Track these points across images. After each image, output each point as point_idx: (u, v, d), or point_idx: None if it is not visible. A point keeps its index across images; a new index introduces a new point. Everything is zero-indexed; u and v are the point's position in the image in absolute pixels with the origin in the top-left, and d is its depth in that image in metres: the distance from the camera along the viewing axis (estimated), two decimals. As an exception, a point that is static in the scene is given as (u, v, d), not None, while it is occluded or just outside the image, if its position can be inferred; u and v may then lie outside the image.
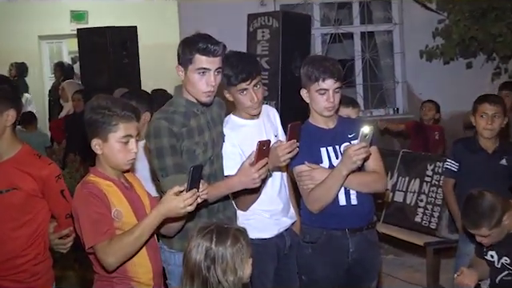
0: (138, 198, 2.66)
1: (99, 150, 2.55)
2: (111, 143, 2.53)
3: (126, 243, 2.45)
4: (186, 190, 2.42)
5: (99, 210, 2.47)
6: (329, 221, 3.11)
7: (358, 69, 7.85)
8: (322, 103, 3.10)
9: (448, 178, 4.14)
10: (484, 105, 3.92)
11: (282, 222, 3.22)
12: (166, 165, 2.82)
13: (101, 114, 2.51)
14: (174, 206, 2.43)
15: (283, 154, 2.87)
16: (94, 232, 2.45)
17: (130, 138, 2.55)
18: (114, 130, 2.52)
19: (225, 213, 3.06)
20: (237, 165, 2.91)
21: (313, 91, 3.11)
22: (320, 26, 7.74)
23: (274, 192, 3.19)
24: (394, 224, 4.98)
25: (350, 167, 2.95)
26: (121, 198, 2.57)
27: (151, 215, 2.48)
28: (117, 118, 2.51)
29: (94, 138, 2.54)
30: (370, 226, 3.23)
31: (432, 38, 7.31)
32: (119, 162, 2.57)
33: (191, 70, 2.87)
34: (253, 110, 3.11)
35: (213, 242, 2.23)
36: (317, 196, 3.08)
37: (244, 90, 3.04)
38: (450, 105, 6.88)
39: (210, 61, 2.84)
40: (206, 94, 2.90)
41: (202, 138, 2.95)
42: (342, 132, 3.19)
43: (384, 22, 7.87)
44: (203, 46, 2.82)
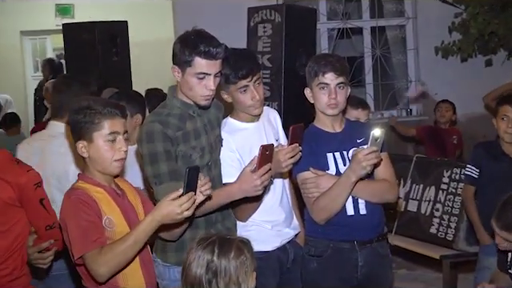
0: (130, 205, 2.67)
1: (85, 152, 2.58)
2: (97, 143, 2.55)
3: (118, 252, 2.46)
4: (183, 193, 2.44)
5: (89, 217, 2.48)
6: (336, 232, 3.12)
7: (367, 67, 7.88)
8: (324, 99, 3.11)
9: (468, 185, 4.15)
10: (505, 107, 3.94)
11: (285, 234, 3.23)
12: (160, 172, 2.84)
13: (82, 113, 2.55)
14: (170, 212, 2.44)
15: (285, 158, 2.88)
16: (84, 241, 2.46)
17: (117, 136, 2.57)
18: (98, 128, 2.54)
19: (224, 223, 3.07)
20: (236, 171, 2.93)
21: (314, 88, 3.13)
22: (326, 20, 7.76)
23: (275, 201, 3.20)
24: (407, 235, 4.99)
25: (358, 173, 2.95)
26: (112, 206, 2.58)
27: (145, 221, 2.49)
28: (99, 116, 2.54)
29: (79, 141, 2.57)
30: (381, 238, 3.23)
31: (448, 34, 7.33)
32: (107, 164, 2.58)
33: (189, 74, 2.87)
34: (254, 109, 3.12)
35: (215, 254, 2.24)
36: (323, 205, 3.08)
37: (245, 88, 3.05)
38: (467, 106, 6.90)
39: (210, 64, 2.85)
40: (204, 98, 2.92)
41: (198, 142, 2.96)
42: (351, 136, 3.20)
43: (396, 15, 7.89)
44: (205, 49, 2.82)
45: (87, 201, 2.50)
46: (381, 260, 3.22)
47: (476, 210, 4.05)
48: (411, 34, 7.80)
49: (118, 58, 7.32)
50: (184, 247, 2.91)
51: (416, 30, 7.74)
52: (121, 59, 7.34)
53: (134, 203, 2.71)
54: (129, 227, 2.59)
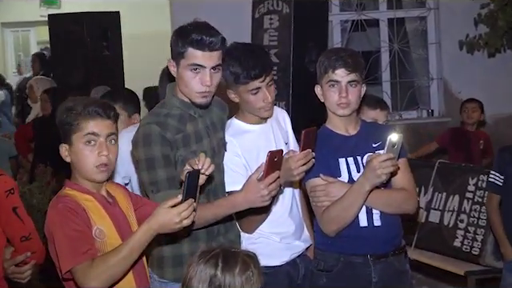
0: (122, 214, 2.67)
1: (67, 157, 2.59)
2: (76, 146, 2.56)
3: (111, 264, 2.46)
4: (182, 200, 2.44)
5: (78, 227, 2.48)
6: (347, 245, 3.12)
7: (384, 63, 7.89)
8: (334, 98, 3.11)
9: (492, 194, 4.16)
10: None
11: (295, 247, 3.24)
12: (158, 179, 2.85)
13: (65, 114, 2.57)
14: (168, 220, 2.44)
15: (296, 166, 2.87)
16: (73, 252, 2.46)
17: (97, 138, 2.56)
18: (77, 129, 2.54)
19: (226, 236, 3.08)
20: (241, 178, 2.94)
21: (324, 85, 3.14)
22: (339, 11, 7.78)
23: (284, 211, 3.21)
24: (428, 249, 5.01)
25: (373, 182, 2.95)
26: (102, 215, 2.58)
27: (141, 230, 2.49)
28: (79, 116, 2.55)
29: (62, 144, 2.59)
30: (398, 252, 3.23)
31: (474, 26, 7.34)
32: (88, 169, 2.57)
33: (183, 66, 2.89)
34: (265, 111, 3.12)
35: (218, 269, 2.25)
36: (333, 215, 3.09)
37: (256, 90, 3.05)
38: (495, 106, 6.91)
39: (205, 56, 2.86)
40: (200, 95, 2.92)
41: (200, 146, 2.97)
42: (366, 140, 3.21)
43: (416, 6, 7.90)
44: (197, 37, 2.83)
45: (75, 209, 2.50)
46: (398, 276, 3.21)
47: (501, 221, 4.06)
48: (433, 27, 7.81)
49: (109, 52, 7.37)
50: (182, 262, 2.93)
51: (438, 22, 7.75)
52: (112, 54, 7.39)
53: (125, 212, 2.71)
54: (120, 238, 2.60)
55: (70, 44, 7.34)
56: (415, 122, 7.73)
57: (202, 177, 2.54)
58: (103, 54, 7.34)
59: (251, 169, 2.95)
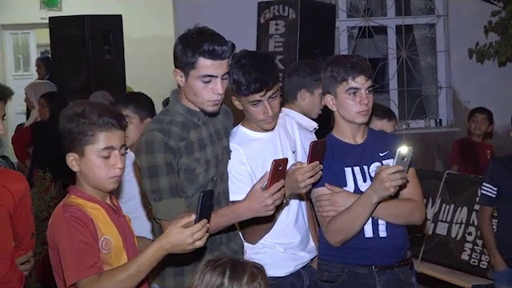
0: (126, 223, 2.69)
1: (76, 166, 2.56)
2: (89, 158, 2.53)
3: (118, 281, 2.45)
4: (195, 220, 2.44)
5: (85, 238, 2.47)
6: (352, 256, 3.12)
7: (392, 70, 7.90)
8: (354, 107, 3.11)
9: (484, 207, 4.20)
10: None
11: (299, 258, 3.25)
12: (160, 187, 2.85)
13: (75, 122, 2.52)
14: (180, 241, 2.44)
15: (303, 178, 2.87)
16: (79, 265, 2.45)
17: (112, 151, 2.55)
18: (92, 141, 2.52)
19: (229, 245, 3.08)
20: (245, 187, 2.94)
21: (341, 94, 3.12)
22: (346, 17, 7.80)
23: (290, 221, 3.22)
24: (435, 262, 5.01)
25: (381, 194, 2.95)
26: (109, 225, 2.58)
27: (151, 249, 2.47)
28: (93, 127, 2.51)
29: (70, 153, 2.55)
30: (403, 264, 3.23)
31: (484, 34, 7.35)
32: (100, 181, 2.56)
33: (194, 77, 2.88)
34: (266, 124, 3.12)
35: (226, 277, 2.26)
36: (339, 226, 3.09)
37: (257, 102, 3.06)
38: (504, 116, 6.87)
39: (217, 65, 2.86)
40: (212, 103, 2.93)
41: (203, 153, 2.98)
42: (373, 149, 3.21)
43: (425, 13, 7.92)
44: (209, 47, 2.83)
45: (83, 219, 2.49)
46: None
47: (492, 233, 4.10)
48: (442, 34, 7.82)
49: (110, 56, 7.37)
50: (183, 272, 2.95)
51: (447, 30, 7.76)
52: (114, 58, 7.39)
53: (128, 221, 2.74)
54: (125, 248, 2.60)
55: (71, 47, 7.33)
56: (423, 131, 7.73)
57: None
58: (105, 57, 7.34)
59: (256, 177, 2.95)
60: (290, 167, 2.93)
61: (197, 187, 2.93)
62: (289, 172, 2.90)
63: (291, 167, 2.92)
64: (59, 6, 11.05)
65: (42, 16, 10.09)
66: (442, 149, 7.59)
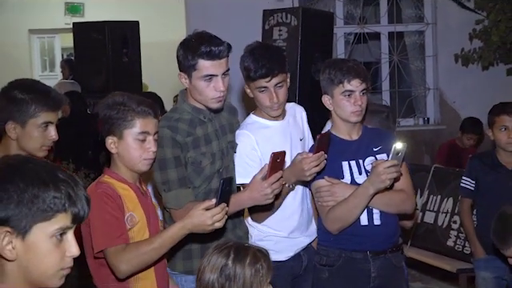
0: (152, 206, 2.72)
1: (114, 148, 2.62)
2: (127, 140, 2.60)
3: (142, 252, 2.50)
4: (216, 204, 2.47)
5: (114, 212, 2.52)
6: (348, 242, 3.12)
7: (384, 73, 7.88)
8: (349, 107, 3.11)
9: (464, 198, 4.18)
10: (502, 117, 3.95)
11: (300, 242, 3.25)
12: (169, 178, 2.86)
13: (116, 109, 2.59)
14: (201, 222, 2.48)
15: (309, 167, 2.88)
16: (107, 235, 2.49)
17: (148, 136, 2.61)
18: (130, 125, 2.59)
19: (235, 231, 3.08)
20: (254, 172, 2.91)
21: (337, 95, 3.12)
22: (343, 24, 7.78)
23: (295, 207, 3.22)
24: (422, 248, 5.02)
25: (377, 186, 2.96)
26: (136, 204, 2.62)
27: (175, 227, 2.53)
28: (132, 113, 2.59)
29: (109, 136, 2.61)
30: (395, 249, 3.23)
31: (469, 41, 7.33)
32: (135, 162, 2.62)
33: (196, 78, 2.88)
34: (272, 111, 3.12)
35: (230, 259, 2.26)
36: (338, 215, 3.09)
37: (264, 88, 3.06)
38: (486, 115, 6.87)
39: (215, 65, 2.86)
40: (215, 100, 2.93)
41: (209, 148, 2.97)
42: (367, 144, 3.21)
43: (415, 21, 7.89)
44: (206, 49, 2.83)
45: (112, 195, 2.54)
46: (395, 271, 3.22)
47: (471, 222, 4.08)
48: (430, 41, 7.81)
49: (128, 58, 7.36)
50: (192, 256, 2.95)
51: (435, 37, 7.74)
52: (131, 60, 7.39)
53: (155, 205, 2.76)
54: (148, 227, 2.63)
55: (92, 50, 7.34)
56: (412, 129, 7.71)
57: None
58: (123, 60, 7.34)
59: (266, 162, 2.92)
60: (297, 157, 2.95)
61: (203, 179, 2.94)
62: (296, 161, 2.92)
63: (297, 157, 2.94)
64: (82, 12, 11.06)
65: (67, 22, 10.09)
66: (429, 145, 7.58)
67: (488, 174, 3.99)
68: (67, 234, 1.64)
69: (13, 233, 1.57)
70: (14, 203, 1.56)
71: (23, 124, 2.74)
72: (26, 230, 1.58)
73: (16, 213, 1.56)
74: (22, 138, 2.76)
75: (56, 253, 1.61)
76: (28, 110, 2.73)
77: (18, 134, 2.76)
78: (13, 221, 1.57)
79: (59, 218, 1.60)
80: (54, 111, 2.79)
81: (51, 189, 1.58)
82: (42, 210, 1.58)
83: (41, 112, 2.74)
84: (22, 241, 1.58)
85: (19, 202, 1.56)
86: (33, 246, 1.59)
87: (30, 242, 1.58)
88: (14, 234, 1.57)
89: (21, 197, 1.56)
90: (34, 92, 2.76)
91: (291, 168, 2.97)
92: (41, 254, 1.60)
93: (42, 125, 2.76)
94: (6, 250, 1.57)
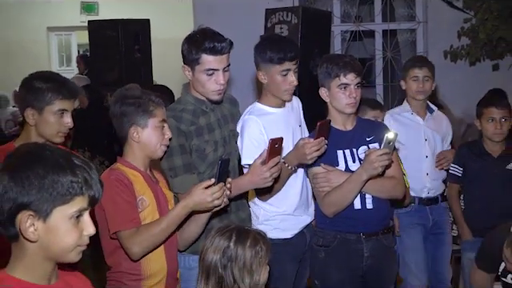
0: (161, 192, 2.73)
1: (137, 138, 2.65)
2: (150, 129, 2.64)
3: (152, 234, 2.53)
4: (214, 183, 2.50)
5: (127, 197, 2.55)
6: (343, 224, 3.14)
7: (378, 68, 7.87)
8: (344, 99, 3.13)
9: (452, 184, 4.16)
10: (491, 109, 3.94)
11: (303, 220, 3.27)
12: (175, 165, 2.87)
13: (136, 103, 2.63)
14: (202, 200, 2.51)
15: (310, 151, 2.90)
16: (121, 218, 2.52)
17: (164, 123, 2.68)
18: (152, 115, 2.64)
19: (238, 214, 3.09)
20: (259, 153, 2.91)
21: (333, 88, 3.14)
22: (340, 22, 7.76)
23: (297, 188, 3.23)
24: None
25: (370, 173, 2.98)
26: (146, 188, 2.64)
27: (178, 207, 2.56)
28: (153, 104, 2.65)
29: (132, 127, 2.64)
30: (386, 231, 3.26)
31: (457, 38, 7.31)
32: (156, 148, 2.67)
33: (199, 71, 2.89)
34: (288, 94, 3.15)
35: (232, 241, 2.29)
36: (333, 200, 3.11)
37: (286, 72, 3.07)
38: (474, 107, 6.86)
39: (217, 60, 2.87)
40: (216, 93, 2.95)
41: (211, 136, 2.98)
42: (361, 134, 3.22)
43: (407, 19, 7.87)
44: (209, 45, 2.84)
45: (124, 181, 2.57)
46: (386, 252, 3.25)
47: (459, 206, 4.08)
48: (421, 38, 7.78)
49: (139, 54, 7.38)
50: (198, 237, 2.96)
51: (426, 34, 7.72)
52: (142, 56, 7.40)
53: (166, 193, 2.77)
54: (158, 211, 2.64)
55: (106, 47, 7.35)
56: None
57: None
58: (135, 55, 7.35)
59: None
60: (299, 141, 2.97)
61: (207, 165, 2.95)
62: (298, 145, 2.94)
63: (300, 142, 2.96)
64: (97, 11, 11.07)
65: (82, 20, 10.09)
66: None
67: (475, 161, 3.99)
68: (84, 215, 1.66)
69: (35, 216, 1.59)
70: (35, 189, 1.57)
71: (40, 111, 2.77)
72: (47, 213, 1.59)
73: (38, 198, 1.58)
74: (40, 124, 2.79)
75: (74, 232, 1.64)
76: (44, 97, 2.76)
77: (36, 120, 2.79)
78: (35, 205, 1.58)
79: (77, 200, 1.62)
80: (68, 99, 2.81)
81: (69, 174, 1.60)
82: (61, 194, 1.59)
83: (56, 100, 2.77)
84: (43, 223, 1.60)
85: (40, 187, 1.58)
86: (53, 227, 1.61)
87: (50, 223, 1.60)
88: (36, 217, 1.59)
89: (41, 183, 1.58)
90: (50, 81, 2.78)
91: (294, 152, 2.99)
92: (61, 234, 1.62)
93: (57, 112, 2.78)
94: (29, 232, 1.59)
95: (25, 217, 1.58)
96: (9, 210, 1.58)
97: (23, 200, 1.57)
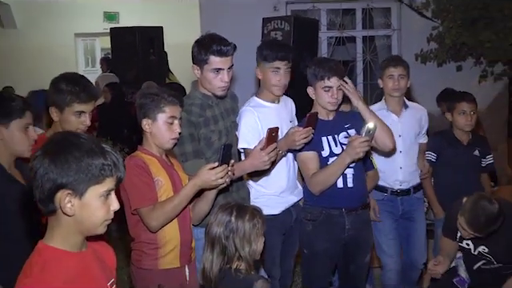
0: (176, 174, 2.74)
1: (148, 128, 2.66)
2: (159, 123, 2.64)
3: (166, 210, 2.55)
4: (218, 165, 2.51)
5: (145, 179, 2.57)
6: (327, 201, 3.15)
7: (359, 69, 7.86)
8: (327, 99, 3.14)
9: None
10: (463, 103, 3.93)
11: (289, 200, 3.27)
12: (186, 151, 2.88)
13: (151, 98, 2.64)
14: (207, 179, 2.53)
15: (299, 139, 2.92)
16: (141, 197, 2.55)
17: (175, 120, 2.66)
18: (162, 111, 2.63)
19: (239, 193, 3.10)
20: (253, 140, 2.95)
21: (319, 88, 3.15)
22: (326, 30, 7.75)
23: (283, 171, 3.23)
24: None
25: (353, 157, 2.99)
26: (161, 170, 2.65)
27: (188, 186, 2.58)
28: (164, 102, 2.63)
29: (144, 119, 2.65)
30: (365, 207, 3.28)
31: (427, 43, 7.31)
32: (164, 140, 2.66)
33: (207, 70, 2.89)
34: (277, 89, 3.14)
35: (233, 216, 2.31)
36: (320, 180, 3.12)
37: (276, 70, 3.07)
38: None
39: (223, 61, 2.88)
40: (221, 89, 2.95)
41: (216, 126, 2.99)
42: (340, 123, 3.24)
43: (384, 27, 7.86)
44: (217, 48, 2.85)
45: (142, 165, 2.59)
46: (364, 225, 3.26)
47: (432, 187, 4.03)
48: (396, 43, 7.77)
49: (154, 57, 7.37)
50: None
51: (400, 40, 7.72)
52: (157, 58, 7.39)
53: (180, 174, 2.77)
54: (173, 190, 2.66)
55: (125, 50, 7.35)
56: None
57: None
58: (150, 58, 7.35)
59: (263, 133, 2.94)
60: (289, 130, 2.97)
61: (213, 151, 2.96)
62: (289, 133, 2.94)
63: (290, 130, 2.97)
64: (117, 19, 11.01)
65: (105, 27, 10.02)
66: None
67: (447, 148, 3.97)
68: (111, 194, 1.67)
69: (72, 194, 1.60)
70: (73, 171, 1.58)
71: (62, 110, 2.72)
72: (83, 192, 1.61)
73: (75, 179, 1.59)
74: (62, 121, 2.74)
75: (103, 208, 1.65)
76: (65, 99, 2.70)
77: (58, 117, 2.75)
78: (72, 185, 1.59)
79: (107, 181, 1.64)
80: (85, 103, 2.73)
81: (101, 158, 1.62)
82: (95, 175, 1.61)
83: (74, 103, 2.70)
84: (79, 200, 1.61)
85: (77, 170, 1.58)
86: (87, 203, 1.62)
87: (85, 200, 1.62)
88: (73, 195, 1.60)
89: (78, 165, 1.58)
90: (73, 85, 2.71)
91: (284, 139, 2.99)
92: (93, 209, 1.64)
93: (75, 113, 2.72)
94: (67, 208, 1.61)
95: (64, 195, 1.59)
96: (49, 189, 1.59)
97: (62, 180, 1.58)
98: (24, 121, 2.51)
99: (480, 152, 4.00)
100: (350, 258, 3.25)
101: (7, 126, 2.48)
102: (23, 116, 2.51)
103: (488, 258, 3.12)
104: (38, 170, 1.58)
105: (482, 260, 3.14)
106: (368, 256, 3.31)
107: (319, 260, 3.21)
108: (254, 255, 2.33)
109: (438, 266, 3.17)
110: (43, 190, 1.60)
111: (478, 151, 4.00)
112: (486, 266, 3.15)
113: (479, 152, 4.00)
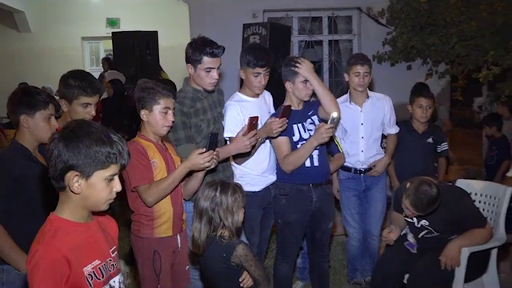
0: (170, 157, 2.74)
1: (146, 118, 2.63)
2: (155, 113, 2.61)
3: (161, 188, 2.55)
4: (206, 150, 2.51)
5: (143, 161, 2.56)
6: (298, 178, 3.17)
7: (325, 68, 7.90)
8: (305, 91, 3.14)
9: None
10: (420, 98, 3.95)
11: (268, 179, 3.26)
12: (179, 137, 2.87)
13: (148, 92, 2.61)
14: (196, 162, 2.53)
15: (276, 128, 2.92)
16: (140, 176, 2.54)
17: (169, 110, 2.63)
18: (157, 103, 2.60)
19: (224, 173, 3.10)
20: (236, 129, 2.94)
21: (297, 83, 3.14)
22: (297, 34, 7.76)
23: (265, 154, 3.23)
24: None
25: (320, 141, 3.01)
26: (157, 154, 2.64)
27: (180, 168, 2.58)
28: (159, 95, 2.60)
29: (142, 109, 2.63)
30: (328, 182, 3.30)
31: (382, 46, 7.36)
32: (159, 127, 2.63)
33: (200, 69, 2.88)
34: (257, 89, 3.13)
35: (217, 191, 2.32)
36: (291, 161, 3.14)
37: (257, 74, 3.06)
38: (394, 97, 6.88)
39: (214, 61, 2.87)
40: (211, 85, 2.95)
41: (205, 116, 2.98)
42: (305, 111, 3.24)
43: (346, 32, 7.89)
44: (210, 50, 2.84)
45: (140, 149, 2.58)
46: (328, 197, 3.29)
47: (393, 167, 4.05)
48: (356, 46, 7.81)
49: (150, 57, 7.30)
50: (195, 189, 2.97)
51: (360, 43, 7.75)
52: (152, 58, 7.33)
53: (174, 157, 2.76)
54: (167, 170, 2.65)
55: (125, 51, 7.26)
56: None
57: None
58: (147, 58, 7.28)
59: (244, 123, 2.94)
60: (268, 120, 2.97)
61: (202, 137, 2.95)
62: (267, 123, 2.94)
63: (268, 120, 2.97)
64: (118, 25, 10.89)
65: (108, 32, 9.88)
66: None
67: (406, 136, 3.98)
68: (115, 178, 1.67)
69: (80, 175, 1.60)
70: (82, 156, 1.58)
71: (70, 102, 2.69)
72: (89, 174, 1.61)
73: (84, 162, 1.59)
74: (70, 112, 2.71)
75: (107, 189, 1.66)
76: (73, 92, 2.67)
77: (67, 108, 2.71)
78: (81, 168, 1.59)
79: (112, 167, 1.63)
80: (91, 96, 2.69)
81: (108, 147, 1.61)
82: (101, 161, 1.61)
83: (81, 96, 2.67)
84: (85, 181, 1.62)
85: (86, 155, 1.58)
86: (92, 185, 1.63)
87: (91, 182, 1.62)
88: (81, 177, 1.61)
89: (87, 151, 1.59)
90: (79, 80, 2.68)
91: (263, 128, 2.99)
92: (97, 190, 1.64)
93: (82, 104, 2.68)
94: (74, 187, 1.61)
95: (73, 175, 1.60)
96: (61, 168, 1.59)
97: (73, 163, 1.59)
98: (47, 112, 2.49)
99: (434, 140, 4.01)
100: (317, 226, 3.27)
101: (33, 116, 2.46)
102: (47, 108, 2.49)
103: (429, 229, 3.17)
104: (53, 151, 1.58)
105: (424, 230, 3.18)
106: (331, 223, 3.33)
107: (292, 228, 3.23)
108: (236, 224, 2.34)
109: (390, 233, 3.22)
110: (56, 168, 1.60)
111: (432, 139, 4.01)
112: (428, 235, 3.19)
113: (433, 140, 4.01)
